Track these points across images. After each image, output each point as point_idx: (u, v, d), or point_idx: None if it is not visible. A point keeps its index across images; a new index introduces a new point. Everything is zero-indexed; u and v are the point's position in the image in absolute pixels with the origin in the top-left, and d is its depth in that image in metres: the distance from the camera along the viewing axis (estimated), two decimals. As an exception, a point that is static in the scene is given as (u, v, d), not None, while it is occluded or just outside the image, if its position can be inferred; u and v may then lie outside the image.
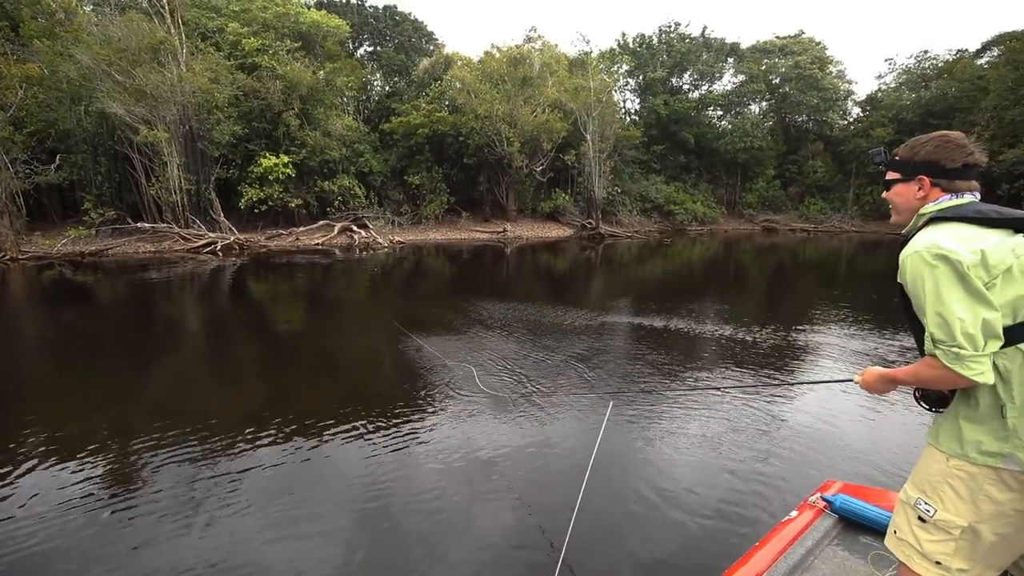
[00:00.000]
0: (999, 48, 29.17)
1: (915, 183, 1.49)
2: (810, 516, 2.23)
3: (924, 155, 1.47)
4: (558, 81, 27.66)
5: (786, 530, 2.16)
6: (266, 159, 21.03)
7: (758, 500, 3.51)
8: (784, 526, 2.20)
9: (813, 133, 36.68)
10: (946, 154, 1.44)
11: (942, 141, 1.46)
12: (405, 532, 3.22)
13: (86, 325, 9.49)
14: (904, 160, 1.52)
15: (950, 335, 1.29)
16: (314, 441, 4.39)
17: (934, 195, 1.47)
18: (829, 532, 2.17)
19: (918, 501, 1.48)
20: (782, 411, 5.06)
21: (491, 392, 5.46)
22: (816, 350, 7.34)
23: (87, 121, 18.96)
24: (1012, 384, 1.32)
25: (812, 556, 2.06)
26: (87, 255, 17.86)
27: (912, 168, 1.49)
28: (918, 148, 1.49)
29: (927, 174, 1.46)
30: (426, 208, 26.08)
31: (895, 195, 1.55)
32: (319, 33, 24.21)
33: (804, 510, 2.28)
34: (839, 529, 2.20)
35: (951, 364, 1.30)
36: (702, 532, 3.18)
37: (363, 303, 11.90)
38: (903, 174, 1.52)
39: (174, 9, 19.79)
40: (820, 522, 2.20)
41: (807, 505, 2.31)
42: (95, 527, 3.26)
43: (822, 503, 2.28)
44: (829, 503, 2.26)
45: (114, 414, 5.12)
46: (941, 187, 1.46)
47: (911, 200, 1.51)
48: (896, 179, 1.54)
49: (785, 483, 3.73)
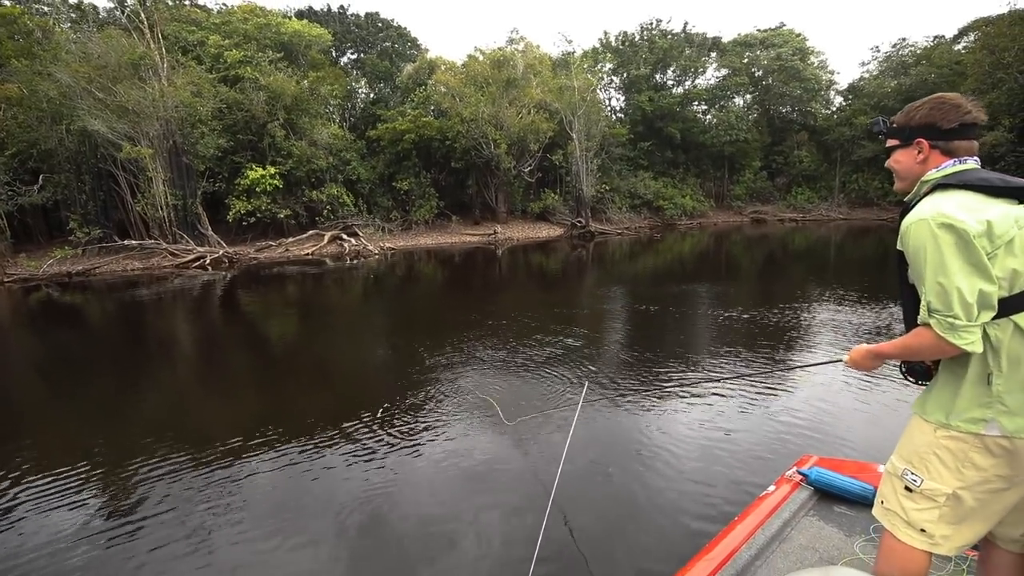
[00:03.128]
0: (975, 33, 29.60)
1: (914, 147, 1.47)
2: (787, 489, 2.27)
3: (920, 118, 1.45)
4: (542, 82, 27.76)
5: (764, 504, 2.20)
6: (253, 171, 20.95)
7: (744, 475, 3.56)
8: (762, 500, 2.24)
9: (797, 124, 37.01)
10: (942, 115, 1.42)
11: (937, 102, 1.44)
12: (401, 545, 3.23)
13: (75, 346, 9.41)
14: (901, 125, 1.50)
15: (947, 304, 1.29)
16: (310, 455, 4.37)
17: (935, 159, 1.45)
18: (805, 504, 2.21)
19: (904, 472, 1.49)
20: (774, 393, 5.12)
21: (491, 401, 5.47)
22: (808, 334, 7.41)
23: (69, 140, 18.81)
24: (1001, 353, 1.33)
25: (789, 527, 2.09)
26: (74, 275, 17.71)
27: (909, 132, 1.48)
28: (914, 112, 1.47)
29: (925, 137, 1.44)
30: (416, 213, 26.06)
31: (895, 162, 1.54)
32: (301, 43, 24.19)
33: (781, 484, 2.32)
34: (815, 500, 2.23)
35: (944, 333, 1.31)
36: (686, 508, 3.20)
37: (355, 312, 11.88)
38: (901, 139, 1.50)
39: (153, 24, 19.71)
40: (796, 495, 2.24)
41: (784, 479, 2.35)
42: (90, 549, 3.22)
43: (798, 477, 2.32)
44: (805, 476, 2.30)
45: (107, 435, 5.08)
46: (940, 150, 1.43)
47: (912, 165, 1.49)
48: (896, 145, 1.53)
49: (774, 458, 3.78)
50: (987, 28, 27.48)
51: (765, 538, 2.00)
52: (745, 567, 1.89)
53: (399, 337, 8.80)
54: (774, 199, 36.29)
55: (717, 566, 1.87)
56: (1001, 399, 1.33)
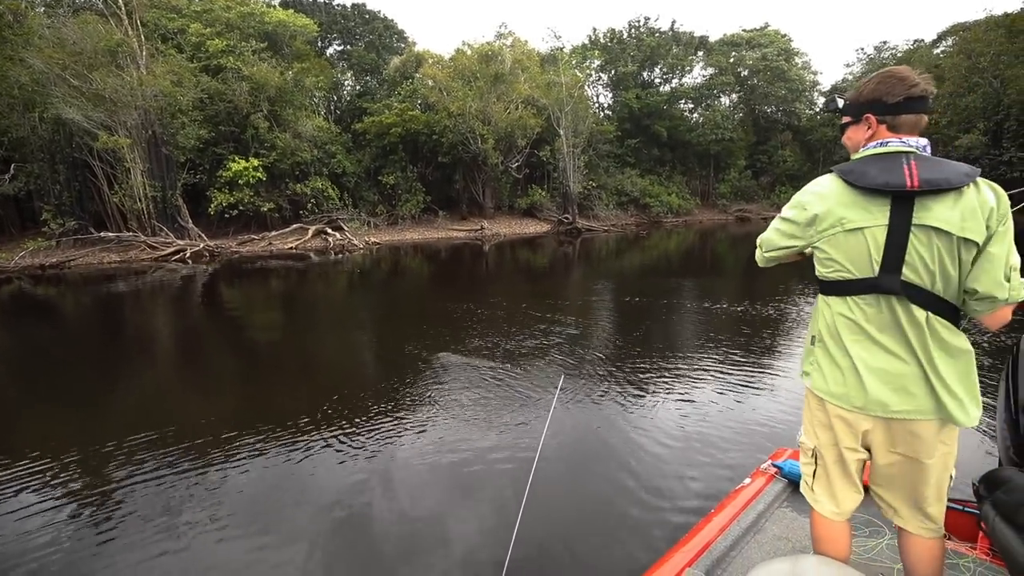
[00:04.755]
0: (953, 38, 30.26)
1: (864, 123, 1.44)
2: (762, 482, 2.30)
3: (867, 93, 1.42)
4: (530, 77, 27.69)
5: (739, 496, 2.22)
6: (235, 163, 20.56)
7: (721, 469, 3.60)
8: (738, 493, 2.26)
9: (782, 123, 37.57)
10: (887, 88, 1.38)
11: (884, 76, 1.41)
12: (375, 541, 3.20)
13: (48, 341, 9.16)
14: (851, 102, 1.47)
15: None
16: (287, 452, 4.31)
17: (881, 135, 1.41)
18: (779, 495, 2.24)
19: (799, 432, 1.66)
20: (753, 386, 5.18)
21: (471, 394, 5.46)
22: (789, 326, 7.52)
23: (43, 128, 18.25)
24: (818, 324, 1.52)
25: (763, 519, 2.12)
26: (48, 267, 17.22)
27: (858, 108, 1.44)
28: (863, 88, 1.45)
29: (872, 112, 1.41)
30: (402, 208, 25.85)
31: (847, 139, 1.51)
32: (286, 33, 23.77)
33: (757, 477, 2.35)
34: (788, 492, 2.27)
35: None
36: (663, 501, 3.23)
37: (338, 307, 11.76)
38: (852, 116, 1.47)
39: (132, 11, 19.18)
40: (771, 487, 2.27)
41: (759, 472, 2.38)
42: (59, 551, 3.13)
43: (773, 469, 2.35)
44: (779, 469, 2.33)
45: (78, 433, 4.94)
46: (887, 125, 1.40)
47: (859, 142, 1.46)
48: (848, 123, 1.50)
49: (752, 452, 3.83)
50: (964, 33, 28.14)
51: (740, 529, 2.03)
52: (720, 558, 1.91)
53: (381, 333, 8.73)
54: (758, 198, 36.79)
55: (693, 557, 1.88)
56: (820, 366, 1.50)
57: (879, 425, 1.40)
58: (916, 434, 1.36)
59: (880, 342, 1.36)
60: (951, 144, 25.41)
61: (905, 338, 1.34)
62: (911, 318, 1.32)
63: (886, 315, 1.35)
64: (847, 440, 1.46)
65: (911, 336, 1.33)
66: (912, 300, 1.31)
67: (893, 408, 1.35)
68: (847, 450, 1.47)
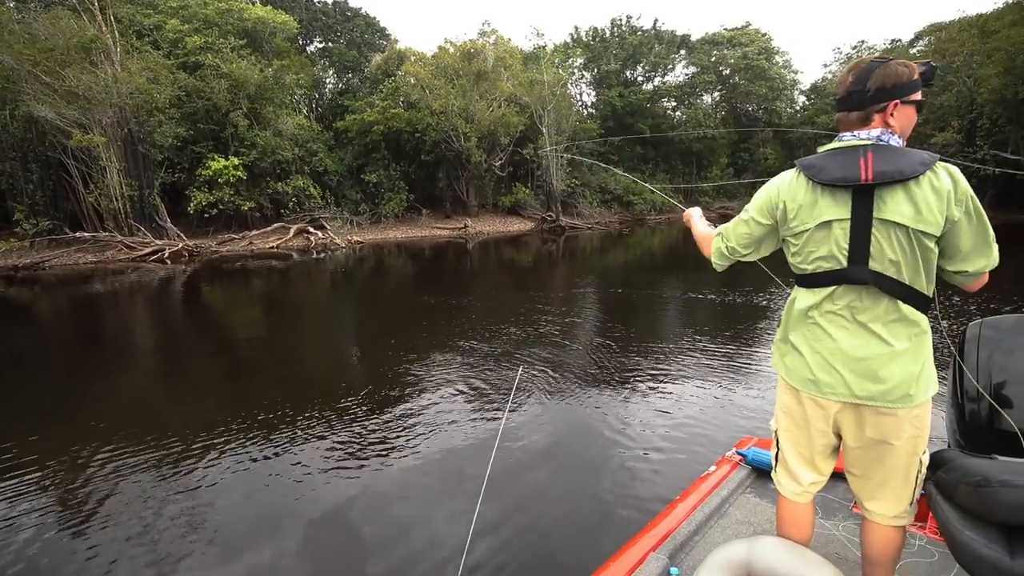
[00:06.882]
0: (928, 38, 30.94)
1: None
2: (727, 469, 2.36)
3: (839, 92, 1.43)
4: (513, 75, 27.67)
5: (704, 483, 2.28)
6: (215, 161, 20.22)
7: (688, 458, 3.68)
8: (703, 480, 2.32)
9: (763, 122, 38.09)
10: (840, 83, 1.40)
11: (848, 70, 1.40)
12: (331, 542, 3.21)
13: (21, 343, 8.94)
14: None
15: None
16: (266, 454, 4.28)
17: (842, 128, 1.42)
18: (743, 482, 2.30)
19: (772, 419, 1.71)
20: (723, 377, 5.28)
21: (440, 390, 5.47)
22: (762, 319, 7.66)
23: (14, 126, 17.76)
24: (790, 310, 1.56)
25: (727, 504, 2.18)
26: (21, 268, 16.78)
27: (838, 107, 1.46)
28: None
29: (839, 110, 1.42)
30: (385, 207, 25.67)
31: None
32: (265, 29, 23.41)
33: (721, 464, 2.41)
34: (752, 479, 2.33)
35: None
36: (629, 489, 3.29)
37: (320, 307, 11.67)
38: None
39: (105, 6, 18.74)
40: (735, 474, 2.33)
41: (724, 460, 2.44)
42: (30, 560, 3.09)
43: (737, 457, 2.42)
44: (744, 456, 2.39)
45: (52, 438, 4.82)
46: (840, 120, 1.42)
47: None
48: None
49: (719, 440, 3.91)
50: (939, 33, 28.78)
51: (704, 515, 2.08)
52: (684, 542, 1.96)
53: (362, 333, 8.70)
54: (740, 195, 37.27)
55: (657, 542, 1.93)
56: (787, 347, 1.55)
57: (848, 410, 1.43)
58: (884, 417, 1.39)
59: (849, 330, 1.39)
60: (926, 142, 26.02)
61: (873, 325, 1.36)
62: (880, 306, 1.35)
63: (856, 304, 1.38)
64: (819, 424, 1.50)
65: (879, 323, 1.36)
66: (882, 289, 1.33)
67: (861, 393, 1.38)
68: (817, 432, 1.51)
